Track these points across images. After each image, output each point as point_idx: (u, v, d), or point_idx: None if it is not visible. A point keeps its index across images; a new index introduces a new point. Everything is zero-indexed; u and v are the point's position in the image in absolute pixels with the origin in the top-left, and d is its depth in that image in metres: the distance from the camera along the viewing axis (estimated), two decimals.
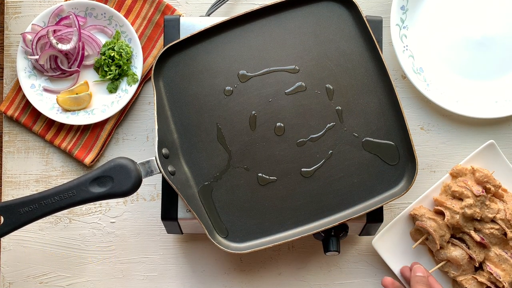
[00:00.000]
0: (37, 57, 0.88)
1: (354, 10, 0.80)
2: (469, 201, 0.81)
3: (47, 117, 0.89)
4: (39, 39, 0.88)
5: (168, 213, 0.78)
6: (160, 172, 0.72)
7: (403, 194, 0.76)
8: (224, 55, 0.80)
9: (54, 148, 0.91)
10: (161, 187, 0.79)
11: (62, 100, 0.88)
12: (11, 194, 0.90)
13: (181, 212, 0.77)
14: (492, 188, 0.82)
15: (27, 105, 0.90)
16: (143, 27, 0.91)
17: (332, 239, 0.78)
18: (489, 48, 0.91)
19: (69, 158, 0.91)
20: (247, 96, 0.79)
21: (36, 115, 0.90)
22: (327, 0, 0.80)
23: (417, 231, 0.86)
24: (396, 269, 0.86)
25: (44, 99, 0.89)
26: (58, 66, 0.89)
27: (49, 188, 0.77)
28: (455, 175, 0.86)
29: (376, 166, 0.78)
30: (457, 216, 0.81)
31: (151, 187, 0.89)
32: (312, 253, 0.88)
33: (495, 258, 0.82)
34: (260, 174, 0.78)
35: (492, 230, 0.82)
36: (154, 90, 0.77)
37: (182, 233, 0.83)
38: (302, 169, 0.78)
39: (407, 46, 0.90)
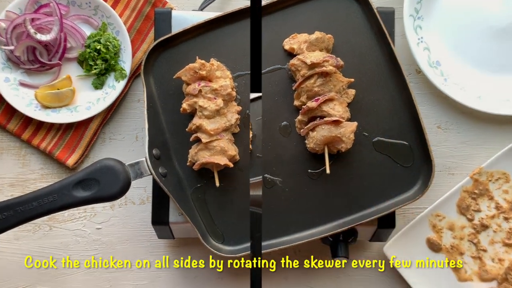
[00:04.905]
0: (12, 47, 0.86)
1: (363, 1, 0.79)
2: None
3: (23, 115, 0.87)
4: (14, 27, 0.86)
5: (159, 217, 0.77)
6: (151, 174, 0.72)
7: (417, 199, 0.75)
8: (218, 52, 0.79)
9: (32, 148, 0.89)
10: (151, 190, 0.79)
11: (42, 96, 0.86)
12: None
13: (173, 216, 0.77)
14: None
15: (1, 101, 0.88)
16: (132, 19, 0.90)
17: (340, 244, 0.78)
18: None
19: (49, 160, 0.89)
20: (243, 95, 0.78)
21: (11, 112, 0.88)
22: None
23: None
24: (410, 278, 0.84)
25: (21, 94, 0.87)
26: (37, 58, 0.88)
27: (26, 193, 0.74)
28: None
29: (388, 168, 0.78)
30: None
31: (141, 190, 0.89)
32: (320, 258, 0.88)
33: None
34: (265, 175, 0.78)
35: None
36: (144, 87, 0.77)
37: (174, 238, 0.83)
38: (309, 170, 0.78)
39: (422, 38, 0.89)
